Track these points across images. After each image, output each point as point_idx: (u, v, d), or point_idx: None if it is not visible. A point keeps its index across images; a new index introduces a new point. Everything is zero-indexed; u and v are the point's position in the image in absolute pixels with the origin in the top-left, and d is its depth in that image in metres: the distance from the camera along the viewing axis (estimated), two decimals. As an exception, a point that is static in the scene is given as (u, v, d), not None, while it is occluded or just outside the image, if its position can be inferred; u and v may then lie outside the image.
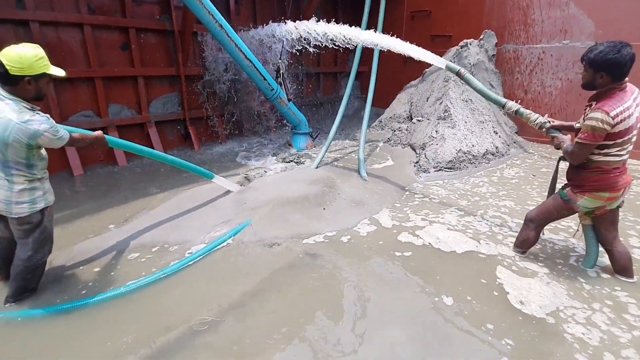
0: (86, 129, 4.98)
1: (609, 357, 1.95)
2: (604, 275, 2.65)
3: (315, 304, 2.36)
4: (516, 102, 2.96)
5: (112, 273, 2.72)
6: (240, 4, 6.86)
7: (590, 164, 2.38)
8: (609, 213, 2.51)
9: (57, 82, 4.68)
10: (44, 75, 2.11)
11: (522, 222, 2.90)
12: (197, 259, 2.86)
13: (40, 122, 2.03)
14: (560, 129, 2.64)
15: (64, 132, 2.19)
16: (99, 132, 2.54)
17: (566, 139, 2.56)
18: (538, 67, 6.39)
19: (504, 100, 3.02)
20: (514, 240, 3.02)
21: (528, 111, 2.80)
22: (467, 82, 3.37)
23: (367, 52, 6.18)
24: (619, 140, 2.24)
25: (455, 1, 7.20)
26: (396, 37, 4.33)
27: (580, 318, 2.24)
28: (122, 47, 5.42)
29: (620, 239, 2.64)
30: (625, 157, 2.32)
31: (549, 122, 2.67)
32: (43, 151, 2.24)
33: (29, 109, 2.05)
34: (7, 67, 1.97)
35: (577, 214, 2.66)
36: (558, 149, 2.57)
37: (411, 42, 4.08)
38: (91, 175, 4.93)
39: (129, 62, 5.51)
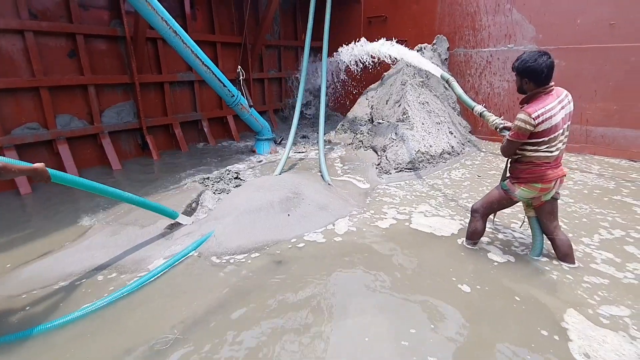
0: (32, 142, 4.80)
1: None
2: None
3: (295, 309, 2.35)
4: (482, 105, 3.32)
5: (65, 296, 2.57)
6: (196, 9, 6.72)
7: (524, 158, 2.65)
8: (547, 204, 2.76)
9: (-4, 93, 4.36)
10: None
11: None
12: (159, 274, 2.78)
13: None
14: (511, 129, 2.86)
15: None
16: (39, 165, 2.11)
17: None
18: (487, 69, 6.78)
19: (473, 104, 3.33)
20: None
21: (489, 114, 3.08)
22: (452, 89, 3.80)
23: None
24: (546, 138, 2.51)
25: (409, 7, 7.49)
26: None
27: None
28: (69, 54, 5.14)
29: (564, 231, 2.87)
30: (555, 154, 2.57)
31: (503, 123, 2.90)
32: None
33: None
34: None
35: (522, 206, 2.89)
36: None
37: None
38: (40, 192, 4.61)
39: (77, 70, 5.24)
